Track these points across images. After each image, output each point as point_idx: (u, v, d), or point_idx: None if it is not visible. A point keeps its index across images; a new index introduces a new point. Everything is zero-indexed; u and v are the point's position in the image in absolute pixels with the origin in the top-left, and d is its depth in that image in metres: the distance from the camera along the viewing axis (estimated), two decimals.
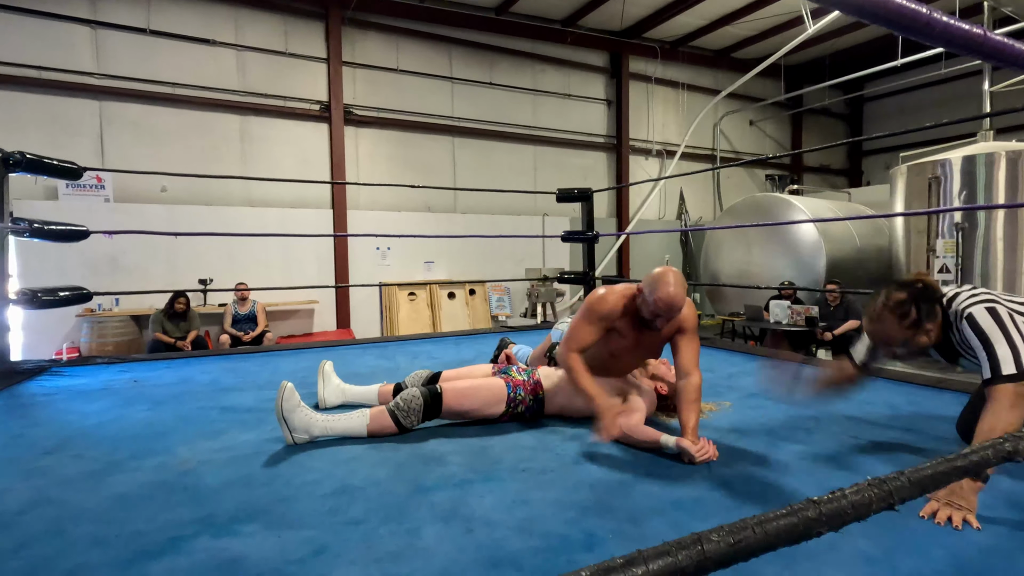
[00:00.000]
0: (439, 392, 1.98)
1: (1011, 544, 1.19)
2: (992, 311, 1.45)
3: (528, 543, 1.23)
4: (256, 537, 1.26)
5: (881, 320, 1.56)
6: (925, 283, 1.56)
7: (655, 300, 1.85)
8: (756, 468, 1.63)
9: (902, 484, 0.44)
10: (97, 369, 3.10)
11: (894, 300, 1.53)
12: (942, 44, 0.90)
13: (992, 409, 1.36)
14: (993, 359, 1.40)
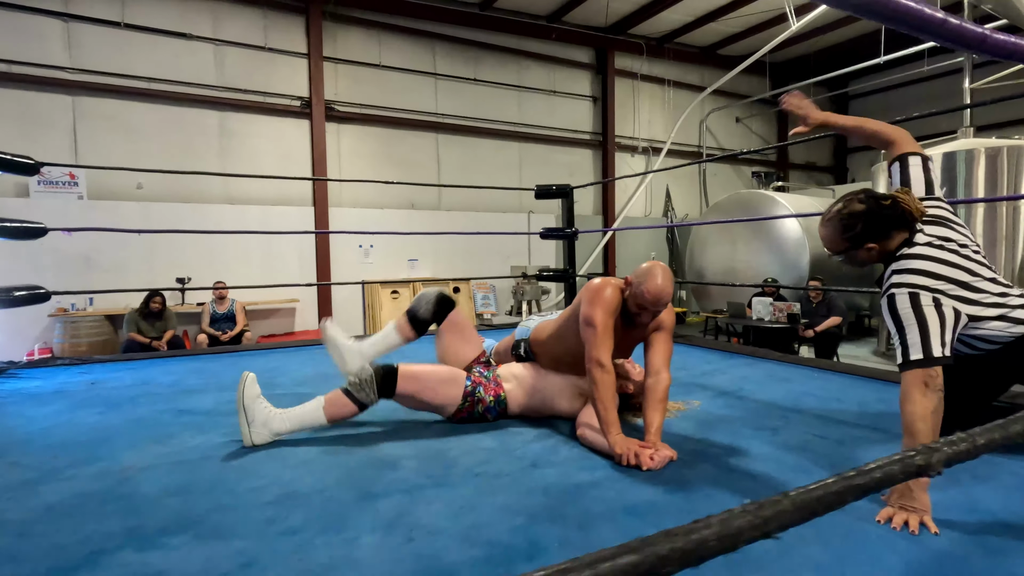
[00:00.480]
0: (395, 369, 1.92)
1: (966, 549, 1.16)
2: (913, 296, 1.38)
3: (469, 553, 1.17)
4: (182, 550, 1.20)
5: (828, 224, 1.53)
6: (898, 202, 1.45)
7: (644, 291, 1.79)
8: (717, 470, 1.59)
9: (782, 509, 0.38)
10: (56, 371, 3.01)
11: (848, 210, 1.49)
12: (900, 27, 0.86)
13: (905, 395, 1.32)
14: (904, 344, 1.35)
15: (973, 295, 1.42)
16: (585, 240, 9.78)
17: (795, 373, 2.78)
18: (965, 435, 0.48)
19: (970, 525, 1.25)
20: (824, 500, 0.42)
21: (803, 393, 2.39)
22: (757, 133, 12.15)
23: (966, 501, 1.36)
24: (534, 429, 1.99)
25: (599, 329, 1.80)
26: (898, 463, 0.45)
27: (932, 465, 0.46)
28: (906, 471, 0.45)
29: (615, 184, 10.24)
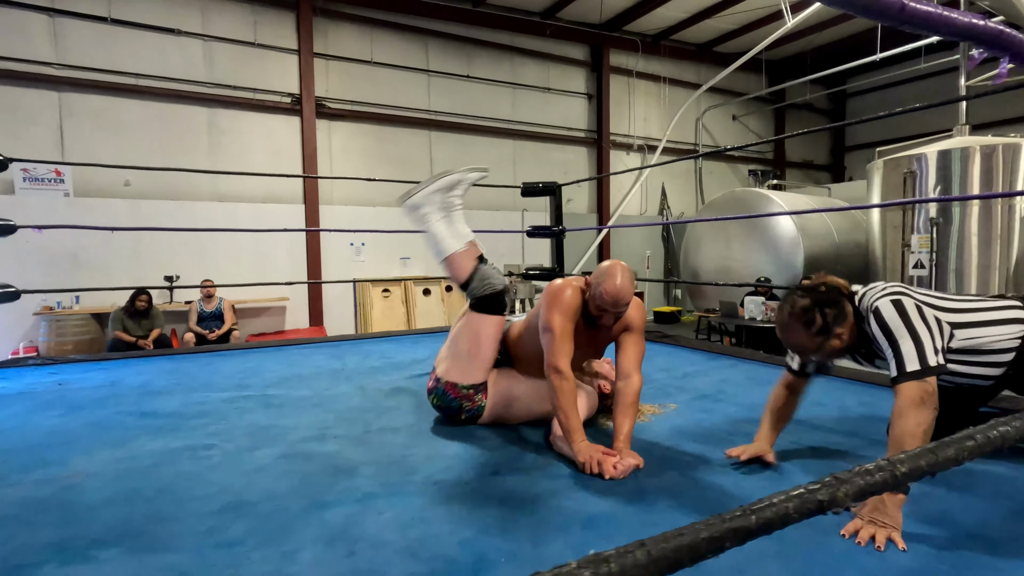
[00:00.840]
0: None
1: (933, 565, 1.10)
2: (897, 303, 1.35)
3: (410, 568, 1.11)
4: (110, 564, 1.14)
5: (789, 330, 1.47)
6: (828, 285, 1.47)
7: (601, 292, 1.73)
8: (684, 479, 1.53)
9: (635, 562, 0.32)
10: (25, 371, 2.95)
11: (799, 308, 1.43)
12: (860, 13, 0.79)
13: (899, 411, 1.26)
14: (898, 355, 1.30)
15: (947, 303, 1.40)
16: (580, 238, 9.71)
17: (777, 375, 2.71)
18: (885, 463, 0.42)
19: (940, 539, 1.19)
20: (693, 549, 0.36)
21: None
22: (754, 131, 12.08)
23: (938, 513, 1.30)
24: (503, 434, 1.93)
25: (556, 334, 1.74)
26: (794, 499, 0.39)
27: (838, 501, 0.40)
28: (803, 508, 0.40)
29: (610, 182, 10.17)
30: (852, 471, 0.42)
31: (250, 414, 2.18)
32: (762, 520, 0.38)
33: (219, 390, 2.56)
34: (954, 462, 0.45)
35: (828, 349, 1.45)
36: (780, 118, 12.31)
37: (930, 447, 0.46)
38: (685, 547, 0.35)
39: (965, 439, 0.46)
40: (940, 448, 0.45)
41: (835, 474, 0.42)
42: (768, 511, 0.38)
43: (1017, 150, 5.61)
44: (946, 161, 5.80)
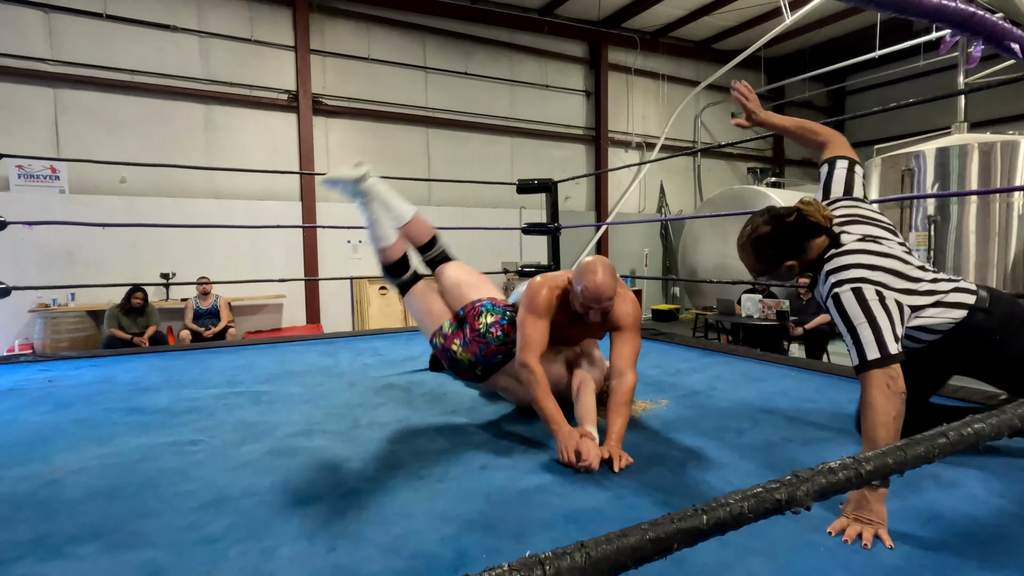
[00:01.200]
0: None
1: (921, 563, 1.08)
2: (857, 292, 1.31)
3: (391, 564, 1.10)
4: (87, 560, 1.12)
5: (742, 249, 1.52)
6: (801, 214, 1.40)
7: (581, 290, 1.73)
8: (672, 475, 1.52)
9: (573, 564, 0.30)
10: (17, 368, 2.94)
11: (756, 234, 1.47)
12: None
13: (867, 401, 1.24)
14: (858, 344, 1.28)
15: (910, 284, 1.38)
16: (578, 236, 9.69)
17: (771, 372, 2.70)
18: (851, 460, 0.41)
19: (927, 537, 1.18)
20: (637, 551, 0.34)
21: (776, 393, 2.32)
22: (753, 129, 12.02)
23: (925, 509, 1.29)
24: (492, 429, 1.92)
25: (526, 332, 1.80)
26: (750, 498, 0.37)
27: (797, 500, 0.38)
28: (760, 507, 0.38)
29: (608, 180, 10.14)
30: (814, 469, 0.41)
31: (239, 410, 2.17)
32: (714, 520, 0.36)
33: (209, 387, 2.55)
34: (924, 460, 0.43)
35: (776, 274, 1.50)
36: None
37: (899, 445, 0.44)
38: (628, 548, 0.33)
39: (937, 436, 0.44)
40: (909, 446, 0.44)
41: (796, 472, 0.40)
42: (721, 511, 0.37)
43: (1015, 148, 5.59)
44: (944, 159, 5.78)
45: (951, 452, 0.45)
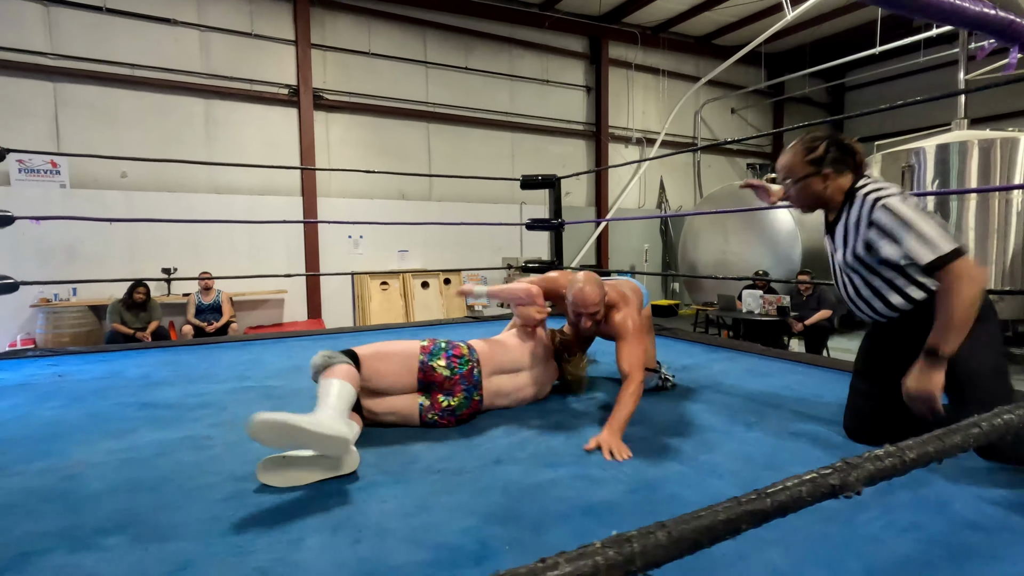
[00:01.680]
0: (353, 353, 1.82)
1: (931, 553, 1.11)
2: (904, 199, 1.43)
3: (415, 556, 1.12)
4: (116, 551, 1.15)
5: (791, 149, 1.60)
6: (852, 145, 1.54)
7: (570, 302, 2.01)
8: (684, 468, 1.54)
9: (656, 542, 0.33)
10: (25, 363, 2.95)
11: (811, 135, 1.57)
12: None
13: (953, 289, 1.33)
14: (925, 241, 1.37)
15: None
16: (578, 232, 9.71)
17: (776, 368, 2.73)
18: (894, 449, 0.43)
19: (938, 527, 1.21)
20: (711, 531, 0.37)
21: (782, 388, 2.35)
22: (752, 124, 12.06)
23: (936, 500, 1.32)
24: (504, 423, 1.94)
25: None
26: (807, 483, 0.40)
27: (849, 484, 0.41)
28: (816, 491, 0.40)
29: (608, 175, 10.15)
30: (862, 456, 0.43)
31: (251, 405, 2.19)
32: (777, 503, 0.39)
33: (219, 381, 2.56)
34: (960, 448, 0.45)
35: (810, 187, 1.56)
36: (779, 111, 12.30)
37: (937, 434, 0.46)
38: (704, 528, 0.36)
39: (971, 427, 0.47)
40: (947, 435, 0.46)
41: (846, 459, 0.43)
42: (782, 494, 0.39)
43: (1015, 144, 5.62)
44: (944, 155, 5.81)
45: (983, 441, 0.47)
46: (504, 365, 2.05)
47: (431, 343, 1.93)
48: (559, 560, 0.31)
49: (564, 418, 2.00)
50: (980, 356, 1.43)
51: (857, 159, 1.56)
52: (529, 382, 2.11)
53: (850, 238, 1.54)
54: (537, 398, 2.17)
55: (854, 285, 1.62)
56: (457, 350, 1.94)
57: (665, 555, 0.34)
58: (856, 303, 1.66)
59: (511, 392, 2.06)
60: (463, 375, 1.89)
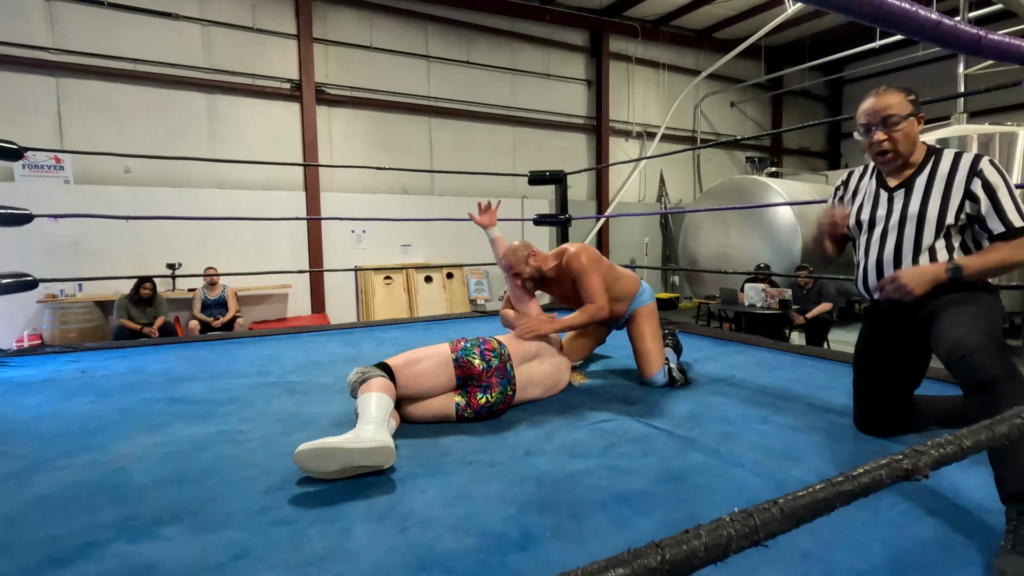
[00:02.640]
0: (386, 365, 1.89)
1: (949, 536, 1.18)
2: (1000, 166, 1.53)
3: (462, 543, 1.18)
4: (176, 541, 1.20)
5: (890, 90, 1.60)
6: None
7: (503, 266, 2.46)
8: (708, 458, 1.61)
9: (772, 517, 0.39)
10: (46, 359, 2.99)
11: (902, 86, 1.61)
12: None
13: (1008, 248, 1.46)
14: (1020, 208, 1.47)
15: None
16: (579, 225, 9.76)
17: (784, 361, 2.80)
18: (952, 437, 0.49)
19: (954, 512, 1.27)
20: (813, 507, 0.42)
21: (793, 380, 2.42)
22: (752, 118, 12.11)
23: (950, 487, 1.39)
24: (528, 417, 2.00)
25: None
26: (885, 467, 0.45)
27: (919, 468, 0.46)
28: (893, 475, 0.46)
29: (609, 169, 10.19)
30: (927, 444, 0.49)
31: (277, 400, 2.24)
32: (863, 484, 0.44)
33: (241, 377, 2.61)
34: (1007, 437, 0.51)
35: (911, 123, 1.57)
36: (778, 105, 12.34)
37: (986, 424, 0.52)
38: (808, 505, 0.41)
39: (1014, 417, 0.53)
40: (995, 425, 0.52)
41: (914, 447, 0.48)
42: (866, 477, 0.45)
43: (1013, 139, 5.70)
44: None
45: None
46: (529, 354, 2.14)
47: (460, 343, 2.01)
48: (700, 531, 0.36)
49: (584, 411, 2.06)
50: (984, 308, 1.46)
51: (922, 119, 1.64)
52: (553, 369, 2.20)
53: (935, 188, 1.54)
54: (560, 386, 2.25)
55: (899, 245, 1.59)
56: (488, 344, 2.02)
57: (779, 528, 0.40)
58: (883, 269, 1.62)
59: (541, 380, 2.14)
60: (497, 367, 1.97)
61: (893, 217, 1.62)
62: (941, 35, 0.61)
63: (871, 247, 1.67)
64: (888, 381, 1.69)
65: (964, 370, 1.24)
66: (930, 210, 1.54)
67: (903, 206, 1.60)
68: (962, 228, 1.54)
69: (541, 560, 1.12)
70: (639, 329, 2.44)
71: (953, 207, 1.52)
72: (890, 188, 1.64)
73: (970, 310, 1.39)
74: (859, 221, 1.72)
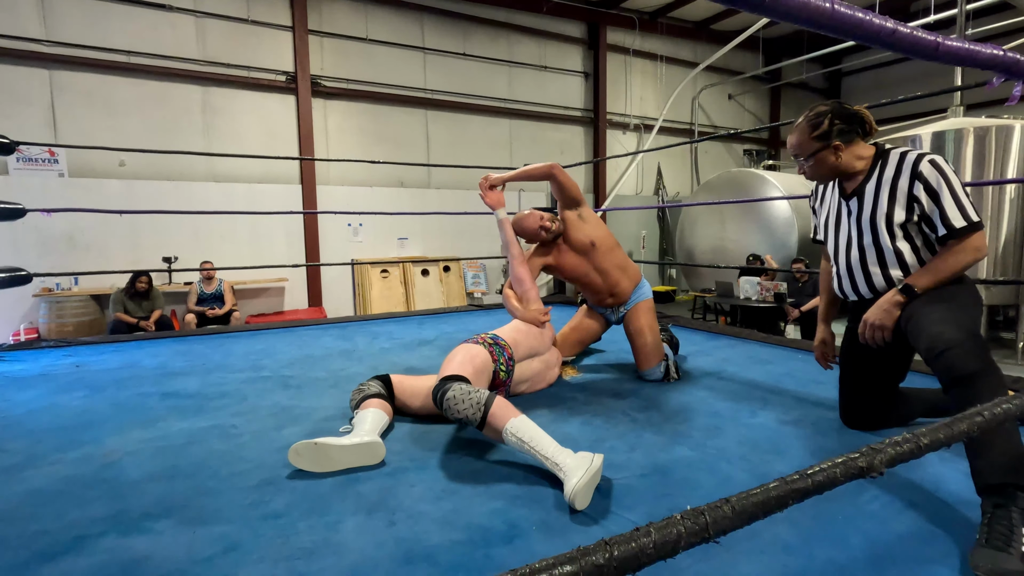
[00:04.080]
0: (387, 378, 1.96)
1: (929, 530, 1.20)
2: (945, 162, 1.48)
3: (448, 536, 1.20)
4: (166, 535, 1.21)
5: (797, 128, 1.62)
6: (859, 112, 1.57)
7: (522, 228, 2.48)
8: (694, 454, 1.62)
9: (723, 515, 0.40)
10: (40, 353, 2.99)
11: (815, 111, 1.59)
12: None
13: (962, 248, 1.45)
14: (960, 205, 1.45)
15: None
16: None
17: (776, 354, 2.82)
18: (910, 436, 0.50)
19: (934, 505, 1.29)
20: (765, 505, 0.44)
21: (784, 375, 2.44)
22: (750, 110, 12.08)
23: (931, 480, 1.41)
24: (520, 411, 2.01)
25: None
26: (840, 465, 0.46)
27: (874, 467, 0.47)
28: (847, 473, 0.47)
29: (606, 162, 10.17)
30: (884, 442, 0.50)
31: (270, 395, 2.25)
32: (816, 482, 0.45)
33: (235, 371, 2.62)
34: (966, 434, 0.52)
35: (823, 160, 1.58)
36: (776, 97, 12.31)
37: (946, 422, 0.53)
38: (760, 503, 0.42)
39: (974, 415, 0.54)
40: (955, 423, 0.53)
41: (871, 445, 0.49)
42: (820, 475, 0.46)
43: (1010, 132, 5.69)
44: (940, 142, 5.88)
45: (986, 427, 0.54)
46: (531, 351, 2.16)
47: (492, 350, 1.95)
48: (650, 528, 0.37)
49: (575, 405, 2.07)
50: (961, 304, 1.45)
51: (866, 124, 1.58)
52: (542, 366, 2.21)
53: (882, 194, 1.54)
54: (548, 381, 2.27)
55: (862, 251, 1.61)
56: (508, 351, 2.02)
57: (730, 525, 0.41)
58: (854, 274, 1.65)
59: (530, 376, 2.16)
60: (508, 371, 2.01)
61: (851, 225, 1.65)
62: (898, 42, 0.62)
63: (839, 254, 1.71)
64: (873, 377, 1.70)
65: (943, 366, 1.25)
66: (880, 216, 1.56)
67: (858, 214, 1.63)
68: (919, 226, 1.54)
69: (526, 553, 1.13)
70: (638, 323, 2.44)
71: (900, 211, 1.53)
72: (846, 196, 1.66)
73: (947, 306, 1.40)
74: (826, 230, 1.77)
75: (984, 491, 1.16)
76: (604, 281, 2.50)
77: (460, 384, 1.60)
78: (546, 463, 1.40)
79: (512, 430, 1.47)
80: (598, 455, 1.39)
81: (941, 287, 1.48)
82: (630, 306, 2.51)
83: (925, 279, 1.48)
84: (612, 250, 2.51)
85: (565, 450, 1.41)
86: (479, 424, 1.52)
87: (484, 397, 1.54)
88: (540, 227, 2.45)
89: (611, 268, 2.49)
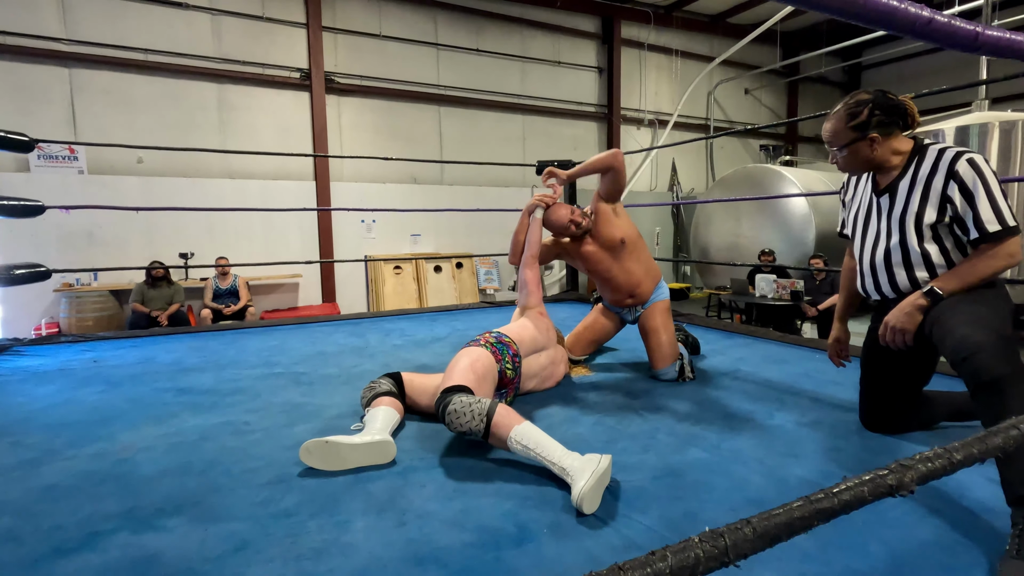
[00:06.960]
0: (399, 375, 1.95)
1: (953, 538, 1.16)
2: (985, 161, 1.41)
3: (458, 537, 1.19)
4: (178, 532, 1.22)
5: (834, 116, 1.55)
6: (903, 103, 1.50)
7: (555, 219, 2.46)
8: (708, 456, 1.60)
9: (744, 537, 0.38)
10: (60, 348, 3.04)
11: (855, 98, 1.51)
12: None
13: (995, 254, 1.38)
14: (997, 210, 1.38)
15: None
16: None
17: (792, 354, 2.77)
18: (942, 451, 0.47)
19: (956, 513, 1.25)
20: (789, 526, 0.41)
21: (800, 375, 2.39)
22: (767, 105, 11.90)
23: (955, 486, 1.36)
24: (530, 412, 2.00)
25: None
26: (868, 483, 0.44)
27: (904, 484, 0.45)
28: (876, 491, 0.45)
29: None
30: (914, 458, 0.48)
31: (283, 392, 2.26)
32: (843, 502, 0.43)
33: (249, 367, 2.64)
34: (1000, 449, 0.50)
35: (858, 151, 1.52)
36: (793, 92, 12.11)
37: (980, 436, 0.51)
38: (783, 524, 0.40)
39: (1010, 428, 0.51)
40: (988, 437, 0.50)
41: (900, 461, 0.47)
42: (847, 494, 0.44)
43: None
44: (964, 137, 5.74)
45: (1022, 441, 0.51)
46: (537, 346, 2.15)
47: (495, 350, 1.92)
48: (667, 552, 0.35)
49: (585, 406, 2.05)
50: (990, 305, 1.39)
51: (908, 116, 1.50)
52: (548, 362, 2.20)
53: (915, 192, 1.48)
54: (555, 379, 2.25)
55: (888, 249, 1.55)
56: (513, 348, 2.00)
57: (751, 548, 0.39)
58: (877, 274, 1.60)
59: (537, 372, 2.14)
60: (516, 368, 1.99)
61: (881, 222, 1.59)
62: (934, 32, 0.58)
63: (864, 252, 1.65)
64: (896, 380, 1.66)
65: (969, 370, 1.21)
66: (911, 215, 1.50)
67: (888, 211, 1.56)
68: (951, 228, 1.48)
69: (536, 556, 1.12)
70: (654, 322, 2.39)
71: (932, 211, 1.46)
72: (878, 192, 1.60)
73: (975, 308, 1.34)
74: (854, 226, 1.71)
75: (1015, 502, 1.11)
76: (627, 280, 2.44)
77: (461, 396, 1.57)
78: (553, 468, 1.39)
79: (517, 438, 1.47)
80: (605, 456, 1.37)
81: (969, 289, 1.43)
82: (647, 307, 2.47)
83: (952, 283, 1.42)
84: (640, 250, 2.45)
85: (572, 453, 1.40)
86: (483, 435, 1.52)
87: (486, 407, 1.52)
88: (570, 221, 2.39)
89: (635, 268, 2.43)
